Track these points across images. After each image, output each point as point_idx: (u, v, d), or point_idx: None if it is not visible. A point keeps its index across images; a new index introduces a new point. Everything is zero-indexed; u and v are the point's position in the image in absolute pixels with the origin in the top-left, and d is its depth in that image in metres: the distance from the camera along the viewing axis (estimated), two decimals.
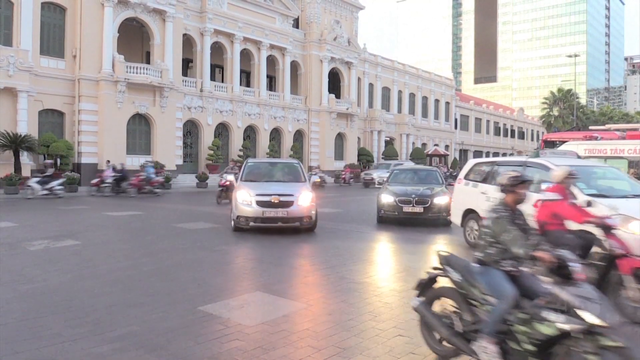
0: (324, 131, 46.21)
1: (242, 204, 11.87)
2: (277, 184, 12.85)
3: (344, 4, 48.60)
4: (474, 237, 10.56)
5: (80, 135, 30.11)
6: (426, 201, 13.97)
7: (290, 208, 11.79)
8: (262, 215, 11.67)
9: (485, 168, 11.11)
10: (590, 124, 68.00)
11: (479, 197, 10.45)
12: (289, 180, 13.21)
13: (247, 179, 12.89)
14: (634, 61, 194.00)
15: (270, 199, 11.72)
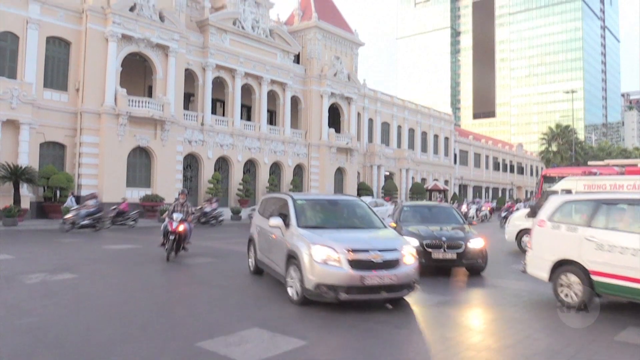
0: (324, 165, 46.37)
1: (322, 263, 7.74)
2: (356, 232, 9.08)
3: (344, 41, 49.42)
4: (573, 296, 8.37)
5: (80, 168, 30.19)
6: (459, 245, 11.44)
7: (398, 270, 7.91)
8: (360, 283, 7.61)
9: (583, 207, 8.90)
10: (588, 159, 68.31)
11: (583, 245, 8.28)
12: (366, 226, 9.47)
13: (306, 224, 8.89)
14: (630, 97, 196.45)
15: (369, 257, 7.79)
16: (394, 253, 8.04)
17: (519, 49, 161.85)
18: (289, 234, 8.78)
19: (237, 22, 39.87)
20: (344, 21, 51.12)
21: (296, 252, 8.20)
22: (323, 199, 10.97)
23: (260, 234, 10.74)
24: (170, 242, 13.18)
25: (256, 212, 11.63)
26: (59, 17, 29.85)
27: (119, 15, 30.94)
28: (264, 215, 10.72)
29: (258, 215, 11.34)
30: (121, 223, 24.41)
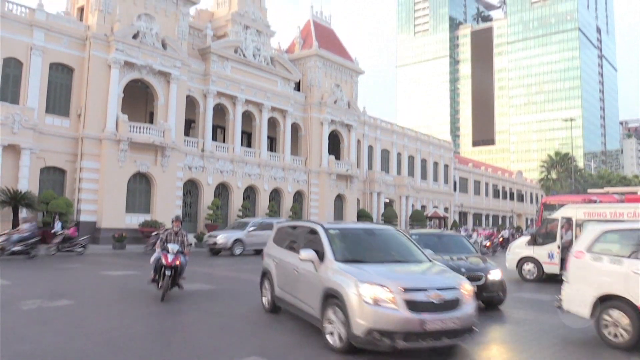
0: (324, 192, 46.37)
1: (374, 305, 6.57)
2: (404, 267, 7.90)
3: (344, 69, 49.94)
4: (620, 335, 7.57)
5: (80, 193, 30.18)
6: (479, 277, 10.60)
7: (459, 311, 6.83)
8: (420, 329, 6.52)
9: (628, 237, 8.19)
10: (588, 187, 68.36)
11: (631, 279, 7.53)
12: (410, 259, 8.28)
13: (344, 258, 7.65)
14: (629, 125, 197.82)
15: (428, 297, 6.71)
16: (454, 292, 6.95)
17: (518, 77, 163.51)
18: (325, 270, 7.54)
19: (239, 50, 40.37)
20: (344, 49, 51.75)
21: (338, 291, 6.99)
22: (358, 228, 9.43)
23: (279, 268, 9.38)
24: (166, 278, 11.05)
25: (270, 242, 10.35)
26: (62, 44, 30.24)
27: (122, 42, 31.35)
28: (283, 245, 9.62)
29: (274, 246, 10.03)
30: (68, 249, 22.64)
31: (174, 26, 35.01)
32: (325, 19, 51.72)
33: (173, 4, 34.99)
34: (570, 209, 17.18)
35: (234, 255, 25.84)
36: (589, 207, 16.75)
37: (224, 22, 40.78)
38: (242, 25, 40.82)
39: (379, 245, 8.71)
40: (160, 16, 34.14)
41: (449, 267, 9.43)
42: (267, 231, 25.87)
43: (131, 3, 32.71)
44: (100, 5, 31.13)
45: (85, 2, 32.69)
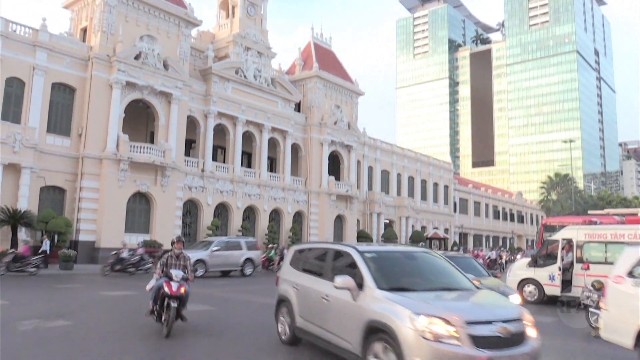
0: (324, 213, 46.30)
1: (434, 341, 5.71)
2: (459, 295, 6.96)
3: (344, 90, 50.26)
4: None
5: (79, 213, 30.13)
6: None
7: (526, 346, 6.03)
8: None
9: None
10: (588, 208, 68.27)
11: None
12: (459, 286, 7.24)
13: (389, 285, 6.67)
14: (628, 147, 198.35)
15: (494, 330, 5.85)
16: (519, 324, 6.07)
17: (517, 98, 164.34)
18: (367, 299, 6.58)
19: (240, 71, 40.68)
20: (345, 71, 52.14)
21: (387, 325, 6.07)
22: (396, 251, 8.38)
23: (300, 295, 8.37)
24: (172, 311, 9.40)
25: (286, 266, 9.39)
26: (65, 64, 30.49)
27: (124, 63, 31.61)
28: (303, 270, 8.68)
29: (291, 270, 9.08)
30: (19, 269, 21.73)
31: (175, 47, 35.34)
32: (325, 41, 52.21)
33: (175, 25, 35.37)
34: (571, 230, 17.14)
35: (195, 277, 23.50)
36: (590, 229, 16.71)
37: (226, 44, 41.17)
38: (243, 46, 41.19)
39: (422, 270, 7.65)
40: (162, 37, 34.48)
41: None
42: (235, 251, 26.01)
43: (134, 24, 33.07)
44: (103, 26, 31.46)
45: (88, 23, 33.05)
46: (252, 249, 27.04)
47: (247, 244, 27.00)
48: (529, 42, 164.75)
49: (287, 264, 9.40)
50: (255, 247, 27.56)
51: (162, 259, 10.03)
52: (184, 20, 35.72)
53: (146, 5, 33.53)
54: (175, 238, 10.17)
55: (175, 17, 35.18)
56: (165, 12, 34.56)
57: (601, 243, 16.12)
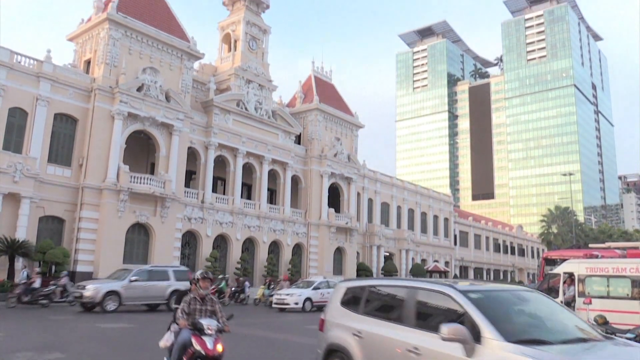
0: (323, 245, 46.06)
1: None
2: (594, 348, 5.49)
3: (344, 123, 50.63)
4: None
5: (78, 243, 29.97)
6: None
7: None
8: None
9: None
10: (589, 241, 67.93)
11: None
12: (588, 337, 5.71)
13: (517, 337, 5.16)
14: (628, 180, 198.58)
15: None
16: None
17: (516, 132, 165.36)
18: (490, 355, 5.08)
19: (241, 103, 41.07)
20: (345, 104, 52.62)
21: None
22: (503, 290, 6.67)
23: (366, 345, 6.65)
24: None
25: (336, 307, 7.54)
26: (68, 95, 30.79)
27: (126, 94, 31.93)
28: (367, 312, 6.96)
29: (345, 312, 7.30)
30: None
31: (178, 79, 35.76)
32: (326, 74, 52.85)
33: (178, 58, 35.86)
34: (572, 264, 17.01)
35: (106, 311, 20.33)
36: (591, 262, 16.58)
37: (227, 76, 41.68)
38: (244, 79, 41.68)
39: (542, 315, 6.08)
40: (164, 69, 34.91)
41: None
42: (160, 282, 22.59)
43: (137, 57, 33.54)
44: (106, 58, 31.90)
45: (92, 55, 33.51)
46: (183, 279, 23.12)
47: (175, 274, 23.51)
48: (527, 76, 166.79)
49: (337, 304, 7.56)
50: (186, 277, 23.34)
51: (182, 304, 7.22)
52: (187, 53, 36.24)
53: (149, 39, 34.06)
54: (200, 274, 7.39)
55: (178, 50, 35.70)
56: (168, 45, 35.08)
57: (603, 277, 15.98)
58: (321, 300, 26.86)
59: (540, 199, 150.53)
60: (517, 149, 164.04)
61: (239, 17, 43.26)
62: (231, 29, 43.62)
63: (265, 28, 44.73)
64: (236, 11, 44.16)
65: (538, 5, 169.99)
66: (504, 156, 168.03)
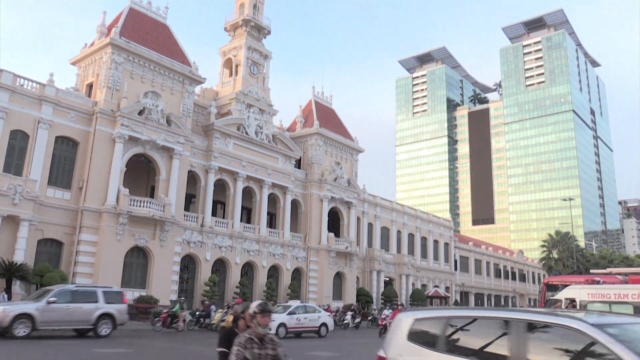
0: (323, 270, 45.77)
1: None
2: None
3: (344, 147, 50.79)
4: None
5: (76, 266, 29.78)
6: None
7: None
8: None
9: None
10: (590, 267, 67.56)
11: None
12: None
13: None
14: (628, 205, 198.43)
15: None
16: None
17: (515, 157, 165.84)
18: None
19: (242, 127, 41.26)
20: (345, 128, 52.86)
21: None
22: (634, 323, 5.41)
23: None
24: None
25: (401, 341, 6.22)
26: (69, 118, 30.96)
27: (127, 118, 32.09)
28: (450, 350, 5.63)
29: (416, 349, 6.00)
30: None
31: (179, 103, 35.98)
32: (326, 99, 53.23)
33: (179, 82, 36.15)
34: (574, 289, 16.89)
35: (15, 337, 17.59)
36: (593, 288, 16.47)
37: (228, 101, 41.97)
38: (245, 103, 41.97)
39: None
40: (166, 94, 35.17)
41: None
42: (87, 304, 19.87)
43: (139, 81, 33.81)
44: (108, 82, 32.16)
45: (94, 79, 33.79)
46: (115, 301, 20.78)
47: (105, 295, 20.62)
48: (526, 101, 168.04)
49: (403, 339, 6.22)
50: (120, 299, 21.33)
51: (236, 348, 5.16)
52: (188, 77, 36.54)
53: (152, 63, 34.38)
54: (257, 307, 5.40)
55: (179, 74, 36.01)
56: (170, 69, 35.40)
57: (605, 303, 15.85)
58: (297, 326, 25.51)
59: (540, 224, 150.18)
60: (517, 173, 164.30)
61: (240, 42, 43.76)
62: (233, 54, 44.08)
63: (266, 53, 45.20)
64: (238, 37, 44.69)
65: (536, 32, 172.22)
66: (504, 181, 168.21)
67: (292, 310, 26.14)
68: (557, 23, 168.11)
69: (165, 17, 38.25)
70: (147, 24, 36.28)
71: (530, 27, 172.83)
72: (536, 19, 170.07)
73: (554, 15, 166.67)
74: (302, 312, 26.52)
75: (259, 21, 45.05)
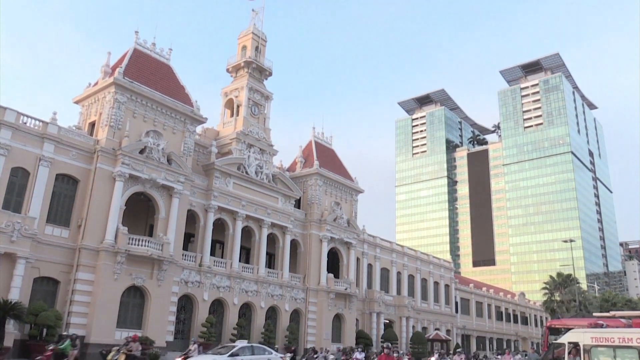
0: (322, 311, 45.11)
1: None
2: None
3: (344, 187, 50.86)
4: None
5: (72, 305, 29.33)
6: None
7: None
8: None
9: None
10: (593, 309, 66.71)
11: None
12: None
13: None
14: (629, 247, 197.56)
15: None
16: None
17: (515, 198, 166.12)
18: None
19: (242, 167, 41.41)
20: (345, 169, 53.07)
21: None
22: None
23: None
24: None
25: None
26: (70, 156, 31.09)
27: (128, 156, 32.24)
28: None
29: None
30: None
31: (180, 143, 36.22)
32: (326, 139, 53.63)
33: (181, 122, 36.49)
34: (577, 333, 16.61)
35: None
36: (596, 332, 16.20)
37: (229, 140, 42.27)
38: (246, 143, 42.25)
39: None
40: (167, 133, 35.45)
41: None
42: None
43: (141, 120, 34.14)
44: (111, 121, 32.46)
45: (97, 117, 34.11)
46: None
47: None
48: (525, 143, 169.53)
49: None
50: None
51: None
52: (190, 117, 36.90)
53: (154, 103, 34.79)
54: None
55: (181, 114, 36.37)
56: (172, 109, 35.78)
57: (609, 347, 15.57)
58: None
59: (541, 266, 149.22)
60: (517, 214, 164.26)
61: (242, 83, 44.40)
62: (234, 95, 44.65)
63: (267, 94, 45.80)
64: (239, 78, 45.37)
65: (533, 75, 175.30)
66: (504, 222, 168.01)
67: (235, 351, 23.95)
68: (553, 66, 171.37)
69: (168, 58, 38.93)
70: (150, 65, 36.88)
71: (527, 70, 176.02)
72: (533, 63, 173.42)
73: (550, 58, 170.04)
74: (247, 354, 24.37)
75: (261, 63, 45.83)
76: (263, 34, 47.39)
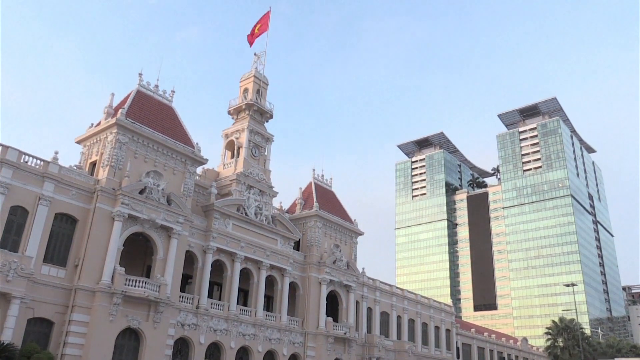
0: (321, 356, 44.08)
1: None
2: None
3: (344, 230, 50.59)
4: None
5: (65, 347, 28.71)
6: None
7: None
8: None
9: None
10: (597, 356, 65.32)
11: None
12: None
13: None
14: (632, 291, 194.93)
15: None
16: None
17: (515, 241, 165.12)
18: None
19: (241, 208, 41.29)
20: (344, 211, 52.90)
21: None
22: None
23: None
24: None
25: None
26: (70, 196, 31.07)
27: (128, 197, 32.21)
28: None
29: None
30: None
31: (180, 183, 36.27)
32: (325, 181, 53.69)
33: (182, 163, 36.63)
34: None
35: None
36: None
37: (229, 182, 42.33)
38: (246, 185, 42.28)
39: None
40: (168, 174, 35.54)
41: None
42: None
43: (142, 160, 34.28)
44: (112, 161, 32.59)
45: (98, 157, 34.27)
46: None
47: None
48: (524, 186, 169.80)
49: None
50: None
51: None
52: (191, 158, 37.07)
53: (155, 144, 35.01)
54: None
55: (182, 155, 36.56)
56: (173, 150, 35.98)
57: None
58: None
59: (543, 310, 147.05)
60: (518, 258, 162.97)
61: (243, 125, 44.79)
62: (235, 137, 44.98)
63: (268, 136, 46.15)
64: (241, 120, 45.81)
65: (531, 119, 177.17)
66: (505, 265, 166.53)
67: None
68: (551, 110, 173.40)
69: (171, 100, 39.39)
70: (153, 106, 37.29)
71: (525, 114, 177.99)
72: (531, 107, 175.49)
73: (548, 103, 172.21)
74: None
75: (262, 105, 46.36)
76: (265, 77, 48.13)
